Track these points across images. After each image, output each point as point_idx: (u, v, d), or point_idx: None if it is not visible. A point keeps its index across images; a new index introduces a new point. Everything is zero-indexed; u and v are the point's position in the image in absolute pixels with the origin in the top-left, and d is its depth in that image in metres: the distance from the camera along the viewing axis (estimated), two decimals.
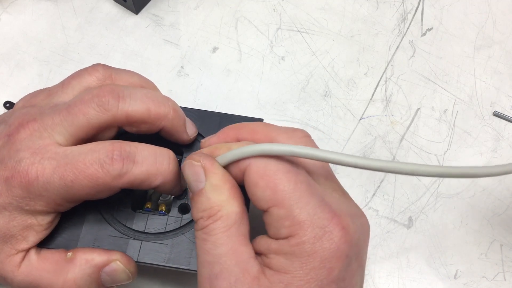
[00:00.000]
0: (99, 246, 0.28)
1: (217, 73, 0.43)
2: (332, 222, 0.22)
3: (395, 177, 0.40)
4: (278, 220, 0.23)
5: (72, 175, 0.24)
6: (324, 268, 0.22)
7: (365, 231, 0.25)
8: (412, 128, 0.42)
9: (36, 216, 0.25)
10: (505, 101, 0.43)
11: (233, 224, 0.24)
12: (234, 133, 0.27)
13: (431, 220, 0.39)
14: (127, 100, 0.26)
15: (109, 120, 0.26)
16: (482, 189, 0.40)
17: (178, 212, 0.30)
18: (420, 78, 0.44)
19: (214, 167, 0.25)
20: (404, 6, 0.47)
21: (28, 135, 0.25)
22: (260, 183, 0.23)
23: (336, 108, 0.42)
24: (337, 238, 0.22)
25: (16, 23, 0.45)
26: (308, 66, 0.44)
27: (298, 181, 0.23)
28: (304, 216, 0.22)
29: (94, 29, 0.44)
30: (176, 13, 0.46)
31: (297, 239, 0.22)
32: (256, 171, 0.24)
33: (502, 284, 0.37)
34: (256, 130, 0.26)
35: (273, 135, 0.26)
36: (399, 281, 0.37)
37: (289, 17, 0.46)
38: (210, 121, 0.32)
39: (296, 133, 0.26)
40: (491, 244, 0.38)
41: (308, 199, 0.23)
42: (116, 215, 0.29)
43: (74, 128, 0.25)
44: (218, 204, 0.24)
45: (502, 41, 0.46)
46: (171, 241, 0.29)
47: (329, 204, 0.23)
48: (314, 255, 0.22)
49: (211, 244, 0.24)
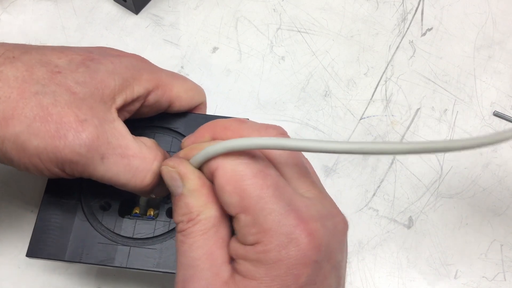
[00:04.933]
0: (88, 254, 0.28)
1: (217, 73, 0.43)
2: (297, 228, 0.22)
3: (395, 177, 0.40)
4: (245, 226, 0.23)
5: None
6: (290, 275, 0.22)
7: (338, 232, 0.24)
8: (412, 128, 0.42)
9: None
10: (505, 101, 0.43)
11: (211, 228, 0.24)
12: (209, 131, 0.26)
13: (431, 220, 0.39)
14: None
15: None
16: (482, 189, 0.40)
17: (166, 216, 0.30)
18: (420, 78, 0.44)
19: (189, 172, 0.25)
20: (404, 6, 0.47)
21: None
22: (227, 188, 0.23)
23: (336, 108, 0.42)
24: (303, 244, 0.22)
25: (16, 23, 0.45)
26: (308, 66, 0.44)
27: (264, 186, 0.23)
28: (269, 223, 0.22)
29: (94, 29, 0.44)
30: (176, 13, 0.46)
31: (263, 247, 0.22)
32: (223, 175, 0.23)
33: (502, 284, 0.37)
34: (228, 127, 0.26)
35: (244, 133, 0.25)
36: (399, 281, 0.37)
37: (289, 17, 0.46)
38: (196, 123, 0.31)
39: (269, 130, 0.26)
40: (491, 244, 0.38)
41: (273, 206, 0.22)
42: (103, 222, 0.29)
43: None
44: (196, 208, 0.24)
45: (502, 41, 0.46)
46: (160, 245, 0.29)
47: (296, 209, 0.23)
48: (279, 263, 0.22)
49: (188, 247, 0.24)
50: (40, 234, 0.29)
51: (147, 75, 0.28)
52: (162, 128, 0.32)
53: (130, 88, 0.27)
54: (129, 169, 0.26)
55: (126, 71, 0.27)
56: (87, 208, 0.29)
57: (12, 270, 0.36)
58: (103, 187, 0.29)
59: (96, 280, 0.36)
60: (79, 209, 0.29)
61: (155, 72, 0.29)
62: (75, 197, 0.30)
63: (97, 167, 0.25)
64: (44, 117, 0.24)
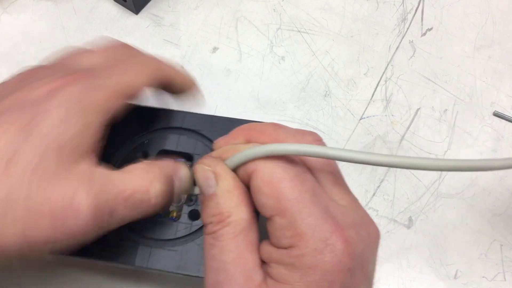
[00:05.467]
0: (109, 253, 0.28)
1: (217, 73, 0.43)
2: (334, 234, 0.22)
3: (395, 177, 0.40)
4: (279, 229, 0.23)
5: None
6: (325, 281, 0.22)
7: (372, 241, 0.24)
8: (412, 128, 0.42)
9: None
10: (505, 101, 0.43)
11: (241, 231, 0.23)
12: (244, 134, 0.26)
13: (431, 220, 0.39)
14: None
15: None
16: (482, 189, 0.40)
17: (188, 219, 0.30)
18: (420, 78, 0.44)
19: (224, 172, 0.24)
20: (404, 6, 0.47)
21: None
22: (264, 190, 0.23)
23: (336, 108, 0.42)
24: (339, 251, 0.22)
25: (16, 23, 0.45)
26: (308, 66, 0.44)
27: (302, 190, 0.23)
28: (306, 227, 0.22)
29: (94, 29, 0.44)
30: (176, 13, 0.46)
31: (298, 251, 0.22)
32: (261, 177, 0.23)
33: (502, 284, 0.37)
34: (264, 131, 0.26)
35: (281, 138, 0.25)
36: (399, 281, 0.37)
37: (289, 17, 0.46)
38: (221, 126, 0.31)
39: (306, 136, 0.26)
40: (491, 244, 0.38)
41: (311, 210, 0.22)
42: None
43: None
44: (227, 210, 0.24)
45: (502, 41, 0.46)
46: (181, 247, 0.28)
47: (333, 215, 0.23)
48: (315, 268, 0.22)
49: (218, 250, 0.23)
50: None
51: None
52: (186, 130, 0.31)
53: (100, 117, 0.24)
54: (137, 205, 0.24)
55: (79, 102, 0.23)
56: None
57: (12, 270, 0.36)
58: None
59: (96, 280, 0.36)
60: None
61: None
62: None
63: (112, 224, 0.24)
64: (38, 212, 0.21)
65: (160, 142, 0.31)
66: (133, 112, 0.31)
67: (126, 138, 0.31)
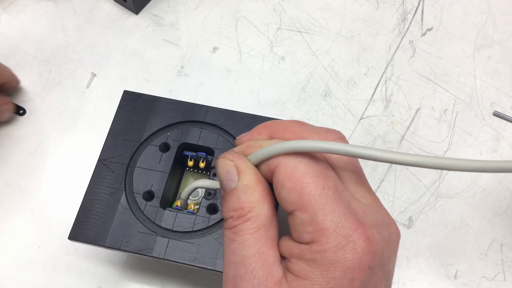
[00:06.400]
0: (127, 242, 0.29)
1: (217, 73, 0.43)
2: (356, 232, 0.22)
3: (395, 177, 0.40)
4: (301, 224, 0.23)
5: None
6: (345, 278, 0.22)
7: (393, 241, 0.24)
8: (412, 128, 0.42)
9: None
10: (505, 101, 0.43)
11: (262, 226, 0.24)
12: (267, 130, 0.27)
13: (431, 220, 0.39)
14: None
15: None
16: (482, 189, 0.40)
17: (206, 212, 0.30)
18: (420, 78, 0.44)
19: (247, 167, 0.25)
20: (404, 6, 0.47)
21: None
22: (287, 185, 0.23)
23: (336, 108, 0.42)
24: (360, 248, 0.22)
25: (16, 23, 0.45)
26: (308, 66, 0.44)
27: (325, 186, 0.23)
28: (328, 223, 0.22)
29: (94, 29, 0.44)
30: (176, 13, 0.46)
31: (319, 246, 0.22)
32: (284, 172, 0.23)
33: (502, 284, 0.37)
34: (287, 128, 0.26)
35: (304, 135, 0.26)
36: (399, 281, 0.37)
37: (289, 17, 0.46)
38: (242, 122, 0.32)
39: (329, 134, 0.26)
40: (491, 244, 0.38)
41: (333, 206, 0.22)
42: (145, 212, 0.30)
43: None
44: (249, 205, 0.24)
45: (502, 41, 0.46)
46: (198, 240, 0.29)
47: (355, 213, 0.23)
48: (336, 264, 0.22)
49: (239, 245, 0.23)
50: (83, 218, 0.30)
51: None
52: (208, 125, 0.32)
53: None
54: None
55: None
56: (131, 197, 0.30)
57: (12, 270, 0.36)
58: (148, 177, 0.30)
59: (96, 280, 0.36)
60: (122, 197, 0.30)
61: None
62: (120, 185, 0.30)
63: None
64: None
65: (181, 136, 0.32)
66: (156, 104, 0.32)
67: (148, 130, 0.32)
